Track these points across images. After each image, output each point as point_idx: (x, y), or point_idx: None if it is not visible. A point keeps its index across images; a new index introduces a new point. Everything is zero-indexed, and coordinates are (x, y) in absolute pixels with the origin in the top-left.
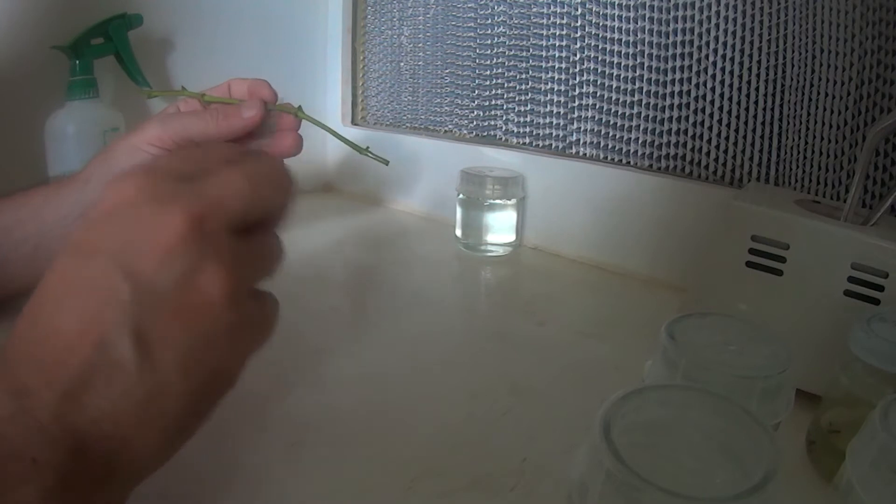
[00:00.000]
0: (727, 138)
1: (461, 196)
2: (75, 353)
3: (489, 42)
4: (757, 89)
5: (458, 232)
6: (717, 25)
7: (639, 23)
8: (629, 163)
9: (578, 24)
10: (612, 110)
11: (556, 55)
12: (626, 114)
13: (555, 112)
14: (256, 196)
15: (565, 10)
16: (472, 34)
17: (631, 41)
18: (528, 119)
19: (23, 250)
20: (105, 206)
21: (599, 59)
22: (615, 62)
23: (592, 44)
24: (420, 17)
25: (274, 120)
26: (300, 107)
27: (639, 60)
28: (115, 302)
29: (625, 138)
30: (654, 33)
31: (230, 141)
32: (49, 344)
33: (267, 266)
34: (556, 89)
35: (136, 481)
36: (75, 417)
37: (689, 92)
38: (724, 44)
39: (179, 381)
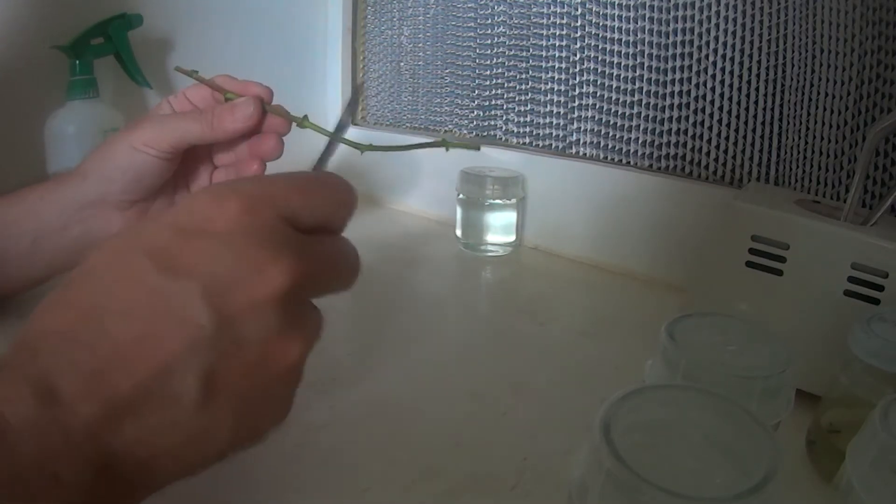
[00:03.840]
0: (727, 138)
1: (461, 196)
2: (129, 372)
3: (489, 42)
4: (757, 89)
5: (458, 232)
6: (717, 25)
7: (639, 23)
8: (629, 163)
9: (578, 24)
10: (612, 110)
11: (556, 55)
12: (626, 114)
13: (555, 112)
14: (344, 284)
15: (565, 10)
16: (472, 34)
17: (631, 41)
18: (528, 119)
19: (20, 246)
20: (198, 219)
21: (599, 59)
22: (615, 62)
23: (592, 44)
24: (420, 17)
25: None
26: (306, 116)
27: (639, 60)
28: (194, 335)
29: (625, 138)
30: (654, 33)
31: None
32: (98, 351)
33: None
34: (556, 89)
35: (149, 495)
36: (111, 440)
37: (689, 92)
38: (724, 44)
39: (227, 432)
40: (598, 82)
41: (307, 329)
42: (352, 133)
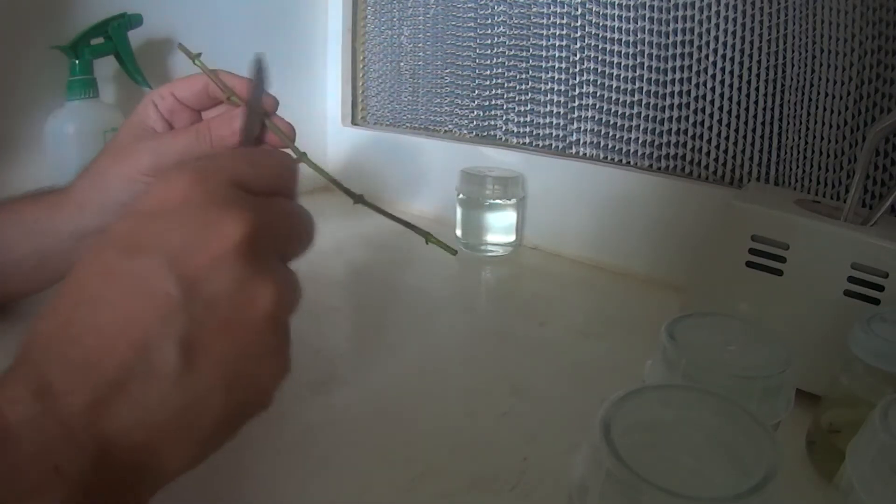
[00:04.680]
0: (727, 138)
1: (461, 196)
2: (112, 355)
3: (489, 42)
4: (757, 89)
5: (458, 232)
6: (717, 25)
7: (639, 23)
8: (629, 163)
9: (578, 24)
10: (612, 110)
11: (556, 55)
12: (626, 114)
13: (555, 112)
14: (303, 241)
15: (565, 10)
16: (472, 34)
17: (631, 41)
18: (528, 119)
19: (25, 266)
20: (155, 202)
21: (599, 59)
22: (615, 62)
23: (592, 44)
24: (420, 17)
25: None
26: (304, 153)
27: (639, 60)
28: (164, 304)
29: (625, 138)
30: (654, 33)
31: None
32: (83, 343)
33: (296, 296)
34: (556, 89)
35: (157, 489)
36: (105, 424)
37: (689, 92)
38: (724, 44)
39: (220, 396)
40: (598, 82)
41: (276, 277)
42: (351, 133)
